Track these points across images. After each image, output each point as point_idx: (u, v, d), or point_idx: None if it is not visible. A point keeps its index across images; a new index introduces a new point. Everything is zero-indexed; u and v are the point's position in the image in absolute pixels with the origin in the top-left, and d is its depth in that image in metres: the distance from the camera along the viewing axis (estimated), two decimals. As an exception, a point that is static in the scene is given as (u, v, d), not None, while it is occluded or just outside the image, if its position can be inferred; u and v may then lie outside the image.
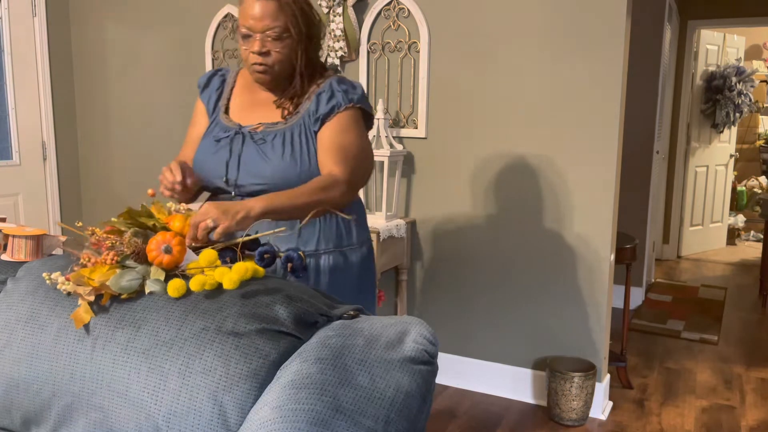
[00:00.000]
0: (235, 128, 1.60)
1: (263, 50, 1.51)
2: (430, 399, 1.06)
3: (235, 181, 1.56)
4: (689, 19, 5.32)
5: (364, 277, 1.69)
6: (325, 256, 1.58)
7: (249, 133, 1.58)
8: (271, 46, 1.51)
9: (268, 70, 1.54)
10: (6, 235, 1.45)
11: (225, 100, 1.67)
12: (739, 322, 4.16)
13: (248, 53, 1.53)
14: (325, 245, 1.58)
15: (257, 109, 1.62)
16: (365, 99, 1.62)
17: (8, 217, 3.46)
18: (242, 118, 1.63)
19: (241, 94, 1.67)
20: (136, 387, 1.08)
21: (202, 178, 1.61)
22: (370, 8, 2.98)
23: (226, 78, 1.70)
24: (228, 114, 1.65)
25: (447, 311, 3.05)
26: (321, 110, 1.55)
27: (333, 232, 1.59)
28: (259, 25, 1.49)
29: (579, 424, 2.70)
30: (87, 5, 3.75)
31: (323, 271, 1.58)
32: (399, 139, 2.99)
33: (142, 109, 3.66)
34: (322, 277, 1.58)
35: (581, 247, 2.74)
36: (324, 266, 1.58)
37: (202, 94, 1.70)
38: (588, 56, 2.62)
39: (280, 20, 1.49)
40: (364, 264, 1.68)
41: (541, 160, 2.76)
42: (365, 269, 1.69)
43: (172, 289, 1.13)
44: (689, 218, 5.83)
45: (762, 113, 7.13)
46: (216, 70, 1.73)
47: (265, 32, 1.50)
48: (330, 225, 1.59)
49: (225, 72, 1.72)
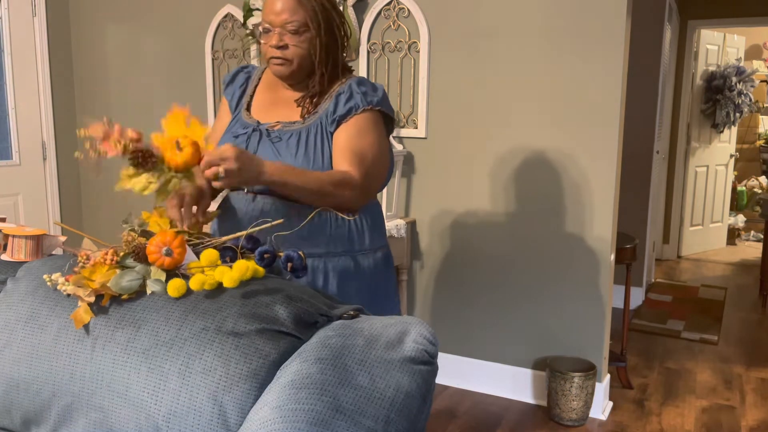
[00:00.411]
0: (254, 125, 1.60)
1: (281, 44, 1.52)
2: (430, 399, 1.06)
3: None
4: (689, 19, 5.32)
5: (380, 283, 1.64)
6: (335, 259, 1.55)
7: (266, 131, 1.57)
8: (289, 39, 1.52)
9: (286, 63, 1.54)
10: (6, 235, 1.45)
11: (248, 97, 1.67)
12: (739, 322, 4.16)
13: (267, 47, 1.54)
14: (335, 248, 1.55)
15: (278, 107, 1.62)
16: (386, 101, 1.60)
17: (8, 217, 3.46)
18: (262, 115, 1.63)
19: (263, 91, 1.67)
20: (136, 387, 1.08)
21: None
22: (370, 8, 2.98)
23: (251, 75, 1.71)
24: (249, 111, 1.65)
25: (447, 311, 3.05)
26: (338, 111, 1.54)
27: (344, 236, 1.56)
28: (278, 19, 1.51)
29: (579, 424, 2.70)
30: (87, 5, 3.75)
31: (331, 275, 1.55)
32: (399, 139, 2.99)
33: (142, 109, 3.66)
34: (331, 281, 1.56)
35: (581, 247, 2.74)
36: (332, 270, 1.55)
37: (226, 90, 1.70)
38: (588, 56, 2.62)
39: (299, 14, 1.50)
40: (377, 270, 1.63)
41: (541, 160, 2.76)
42: (379, 276, 1.64)
43: (172, 288, 1.13)
44: (689, 218, 5.83)
45: (762, 113, 7.13)
46: (242, 67, 1.73)
47: (283, 26, 1.51)
48: (341, 228, 1.56)
49: (251, 69, 1.72)
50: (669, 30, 4.44)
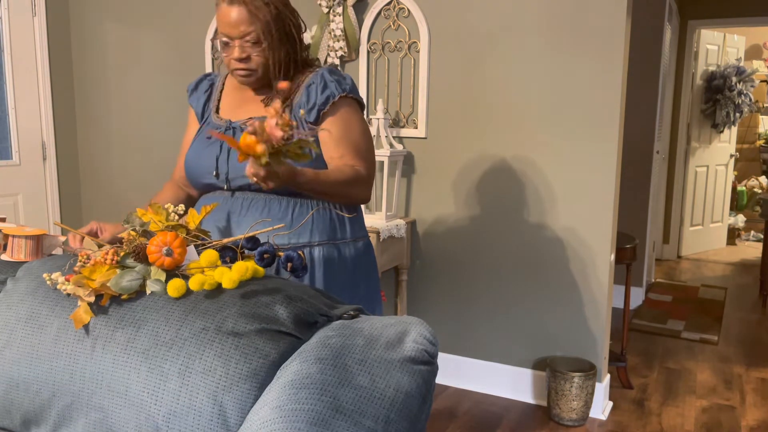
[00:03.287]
0: (225, 124, 1.63)
1: (243, 56, 1.53)
2: (430, 399, 1.06)
3: (226, 174, 1.58)
4: (689, 19, 5.32)
5: (360, 273, 1.69)
6: (319, 248, 1.59)
7: (240, 128, 1.60)
8: (250, 50, 1.53)
9: (252, 74, 1.56)
10: (6, 235, 1.45)
11: (215, 102, 1.70)
12: (739, 322, 4.16)
13: (230, 59, 1.56)
14: (319, 237, 1.59)
15: (247, 105, 1.65)
16: (356, 89, 1.64)
17: (8, 217, 3.46)
18: (232, 115, 1.65)
19: (230, 93, 1.70)
20: (136, 387, 1.08)
21: (193, 179, 1.64)
22: (370, 8, 2.98)
23: (214, 82, 1.74)
24: (218, 113, 1.68)
25: (447, 311, 3.05)
26: (315, 100, 1.56)
27: (327, 225, 1.60)
28: (235, 31, 1.51)
29: (579, 424, 2.70)
30: (87, 5, 3.75)
31: (317, 263, 1.59)
32: (399, 139, 2.99)
33: (142, 109, 3.66)
34: (317, 269, 1.59)
35: (581, 247, 2.74)
36: (318, 258, 1.59)
37: (191, 98, 1.74)
38: (588, 56, 2.62)
39: (256, 25, 1.50)
40: (358, 260, 1.68)
41: (542, 160, 2.76)
42: (360, 265, 1.69)
43: (172, 289, 1.13)
44: (689, 218, 5.83)
45: (762, 113, 7.13)
46: (204, 75, 1.76)
47: (242, 38, 1.52)
48: (324, 218, 1.60)
49: (213, 77, 1.75)
50: (669, 30, 4.44)
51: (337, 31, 2.99)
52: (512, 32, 2.75)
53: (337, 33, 2.99)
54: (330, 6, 2.98)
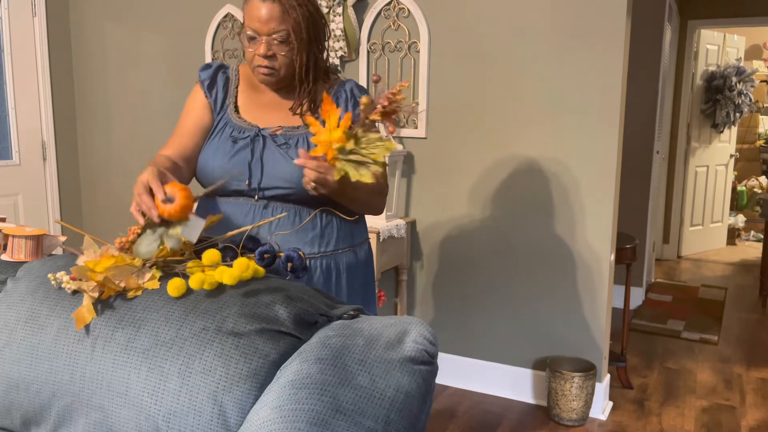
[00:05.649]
0: (254, 130, 1.56)
1: (269, 53, 1.50)
2: (430, 399, 1.06)
3: (259, 183, 1.54)
4: (689, 19, 5.32)
5: (368, 273, 1.72)
6: (343, 255, 1.60)
7: (270, 136, 1.55)
8: (277, 49, 1.49)
9: (274, 73, 1.53)
10: (6, 235, 1.45)
11: (233, 98, 1.64)
12: (739, 322, 4.16)
13: (254, 55, 1.52)
14: (343, 245, 1.60)
15: (271, 111, 1.60)
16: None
17: (8, 217, 3.46)
18: (257, 119, 1.59)
19: (246, 91, 1.64)
20: (136, 387, 1.08)
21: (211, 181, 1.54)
22: (370, 8, 2.98)
23: (229, 75, 1.66)
24: (238, 113, 1.62)
25: (447, 311, 3.05)
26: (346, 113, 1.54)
27: (347, 231, 1.61)
28: (265, 28, 1.47)
29: (579, 424, 2.70)
30: (87, 5, 3.75)
31: (342, 270, 1.59)
32: (399, 139, 2.99)
33: (142, 109, 3.66)
34: (343, 276, 1.59)
35: (581, 247, 2.74)
36: (343, 265, 1.60)
37: (208, 90, 1.64)
38: (588, 56, 2.62)
39: (286, 23, 1.47)
40: (367, 260, 1.71)
41: (542, 160, 2.76)
42: (368, 265, 1.72)
43: (172, 288, 1.13)
44: (689, 218, 5.83)
45: (762, 113, 7.13)
46: (218, 67, 1.67)
47: (270, 35, 1.48)
48: (345, 224, 1.60)
49: (227, 69, 1.68)
50: (669, 30, 4.44)
51: (337, 31, 2.99)
52: (512, 32, 2.75)
53: (337, 33, 2.99)
54: (330, 6, 2.98)
